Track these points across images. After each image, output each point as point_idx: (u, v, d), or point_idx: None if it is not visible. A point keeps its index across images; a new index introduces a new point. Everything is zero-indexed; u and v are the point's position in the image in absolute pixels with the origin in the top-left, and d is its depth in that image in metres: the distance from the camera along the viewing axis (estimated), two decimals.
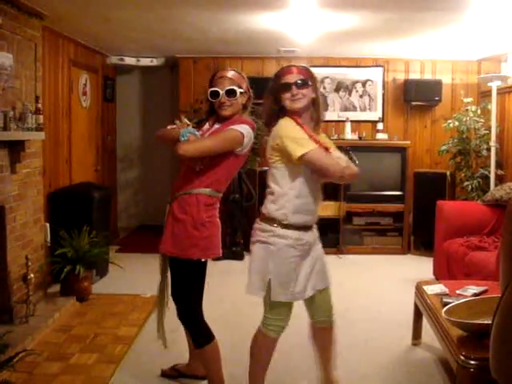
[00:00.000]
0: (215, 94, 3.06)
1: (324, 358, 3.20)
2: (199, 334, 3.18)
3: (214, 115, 3.17)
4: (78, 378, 3.52)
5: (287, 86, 2.86)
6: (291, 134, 2.81)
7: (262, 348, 3.03)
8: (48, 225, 5.12)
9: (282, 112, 2.91)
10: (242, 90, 3.10)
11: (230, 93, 3.05)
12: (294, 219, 2.86)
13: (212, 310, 4.87)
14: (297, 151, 2.76)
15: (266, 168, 6.12)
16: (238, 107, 3.11)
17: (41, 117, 4.49)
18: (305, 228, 2.91)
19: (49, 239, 5.11)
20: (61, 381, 3.47)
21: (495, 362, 1.98)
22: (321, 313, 3.11)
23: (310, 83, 2.89)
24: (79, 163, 6.43)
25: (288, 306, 2.96)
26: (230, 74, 3.12)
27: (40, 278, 4.76)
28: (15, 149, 4.30)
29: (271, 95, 2.95)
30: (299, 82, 2.86)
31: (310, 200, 2.92)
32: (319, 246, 3.07)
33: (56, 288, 5.11)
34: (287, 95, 2.87)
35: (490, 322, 2.08)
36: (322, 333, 3.16)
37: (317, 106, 2.94)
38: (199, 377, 3.47)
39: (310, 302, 3.09)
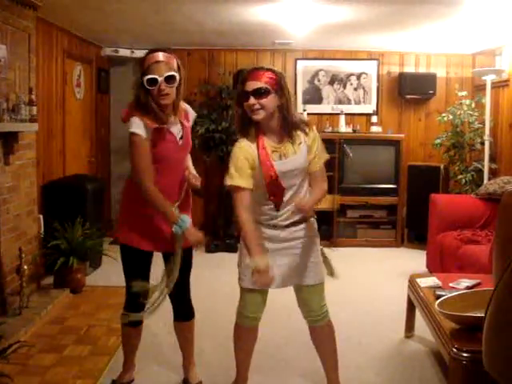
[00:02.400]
0: (153, 82, 2.84)
1: (321, 358, 3.23)
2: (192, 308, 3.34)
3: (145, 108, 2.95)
4: (71, 369, 3.53)
5: (245, 95, 2.74)
6: (231, 160, 2.82)
7: (236, 337, 3.16)
8: (41, 216, 5.11)
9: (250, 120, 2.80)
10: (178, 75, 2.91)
11: (170, 79, 2.86)
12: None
13: (205, 301, 4.89)
14: (226, 179, 2.80)
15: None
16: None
17: (34, 108, 4.47)
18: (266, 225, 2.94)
19: (42, 231, 5.10)
20: (54, 372, 3.48)
21: (487, 354, 2.00)
22: (306, 312, 3.12)
23: (272, 90, 2.73)
24: (73, 155, 6.41)
25: (251, 294, 3.01)
26: (163, 56, 2.88)
27: (33, 269, 4.75)
28: (8, 140, 4.28)
29: (238, 102, 2.82)
30: (257, 90, 2.71)
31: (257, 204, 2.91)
32: (297, 242, 3.00)
33: (49, 280, 5.10)
34: (246, 104, 2.75)
35: (482, 314, 2.09)
36: (313, 333, 3.18)
37: (286, 111, 2.80)
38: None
39: (298, 300, 3.13)
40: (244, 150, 2.80)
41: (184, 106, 3.17)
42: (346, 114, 7.32)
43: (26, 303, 4.36)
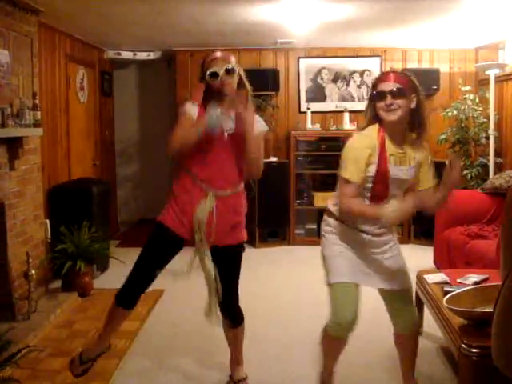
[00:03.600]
0: (214, 75, 2.96)
1: (404, 366, 3.17)
2: (241, 314, 3.31)
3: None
4: None
5: (382, 95, 2.71)
6: (345, 152, 2.76)
7: (323, 343, 3.08)
8: (48, 221, 5.12)
9: (376, 119, 2.78)
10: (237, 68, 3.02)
11: (230, 71, 2.97)
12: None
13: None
14: (340, 171, 2.75)
15: (266, 160, 6.13)
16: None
17: (38, 113, 4.48)
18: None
19: (49, 235, 5.11)
20: (64, 376, 3.47)
21: (497, 349, 1.99)
22: (395, 318, 3.09)
23: (407, 93, 2.71)
24: (78, 158, 6.43)
25: (338, 295, 2.91)
26: (220, 54, 3.03)
27: (41, 274, 4.77)
28: (13, 145, 4.29)
29: (371, 102, 2.81)
30: (395, 90, 2.69)
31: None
32: (386, 247, 2.95)
33: (57, 284, 5.12)
34: (381, 105, 2.72)
35: (491, 310, 2.08)
36: (400, 340, 3.13)
37: (419, 117, 2.77)
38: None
39: (387, 307, 3.13)
40: (366, 144, 2.76)
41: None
42: (350, 112, 7.30)
43: (35, 308, 4.38)
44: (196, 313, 4.60)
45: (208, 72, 2.97)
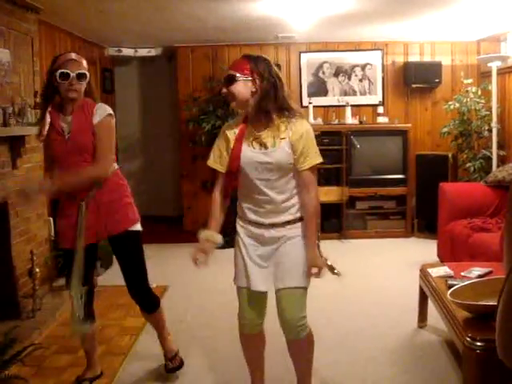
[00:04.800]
0: (65, 76, 3.00)
1: (297, 370, 2.98)
2: (154, 299, 3.35)
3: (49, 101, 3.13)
4: None
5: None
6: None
7: (242, 345, 3.01)
8: (52, 219, 5.13)
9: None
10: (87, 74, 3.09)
11: (81, 76, 3.04)
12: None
13: (216, 298, 4.90)
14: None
15: None
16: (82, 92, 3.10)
17: (40, 111, 4.47)
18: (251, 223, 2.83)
19: (53, 233, 5.11)
20: (70, 373, 3.49)
21: (501, 343, 1.99)
22: (280, 321, 2.84)
23: (240, 77, 2.65)
24: None
25: (242, 296, 2.88)
26: (75, 56, 3.10)
27: (45, 272, 4.78)
28: (16, 144, 4.30)
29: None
30: (226, 78, 2.70)
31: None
32: (281, 243, 2.78)
33: (62, 281, 5.12)
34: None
35: (495, 303, 2.08)
36: (288, 344, 2.90)
37: (262, 98, 2.65)
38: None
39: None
40: (225, 133, 2.80)
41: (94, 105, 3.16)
42: (352, 106, 7.30)
43: (39, 305, 4.39)
44: (201, 308, 4.62)
45: (60, 71, 3.00)
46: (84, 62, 3.10)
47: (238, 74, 2.65)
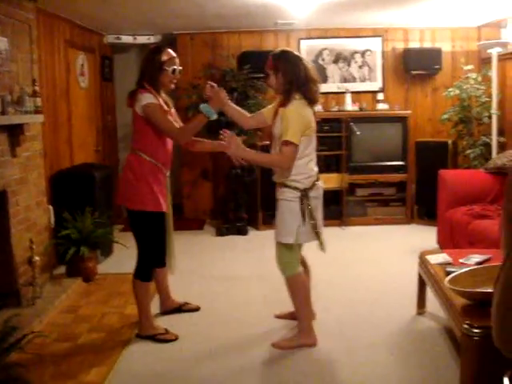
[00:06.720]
0: (176, 72, 3.75)
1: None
2: (140, 271, 3.78)
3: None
4: (87, 357, 3.56)
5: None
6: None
7: (301, 285, 3.68)
8: (51, 207, 5.14)
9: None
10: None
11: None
12: None
13: (216, 285, 4.92)
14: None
15: (267, 142, 6.11)
16: None
17: (38, 99, 4.47)
18: None
19: (52, 221, 5.13)
20: (70, 361, 3.51)
21: (497, 331, 1.99)
22: None
23: (271, 72, 3.57)
24: (80, 144, 6.43)
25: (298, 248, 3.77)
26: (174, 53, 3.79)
27: (45, 260, 4.80)
28: (14, 132, 4.29)
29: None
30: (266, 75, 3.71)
31: None
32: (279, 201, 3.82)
33: (62, 269, 5.15)
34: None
35: (492, 290, 2.08)
36: None
37: (280, 86, 3.57)
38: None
39: None
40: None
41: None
42: (352, 93, 7.27)
43: (40, 293, 4.41)
44: (202, 295, 4.64)
45: (173, 67, 3.71)
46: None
47: (269, 71, 3.56)
